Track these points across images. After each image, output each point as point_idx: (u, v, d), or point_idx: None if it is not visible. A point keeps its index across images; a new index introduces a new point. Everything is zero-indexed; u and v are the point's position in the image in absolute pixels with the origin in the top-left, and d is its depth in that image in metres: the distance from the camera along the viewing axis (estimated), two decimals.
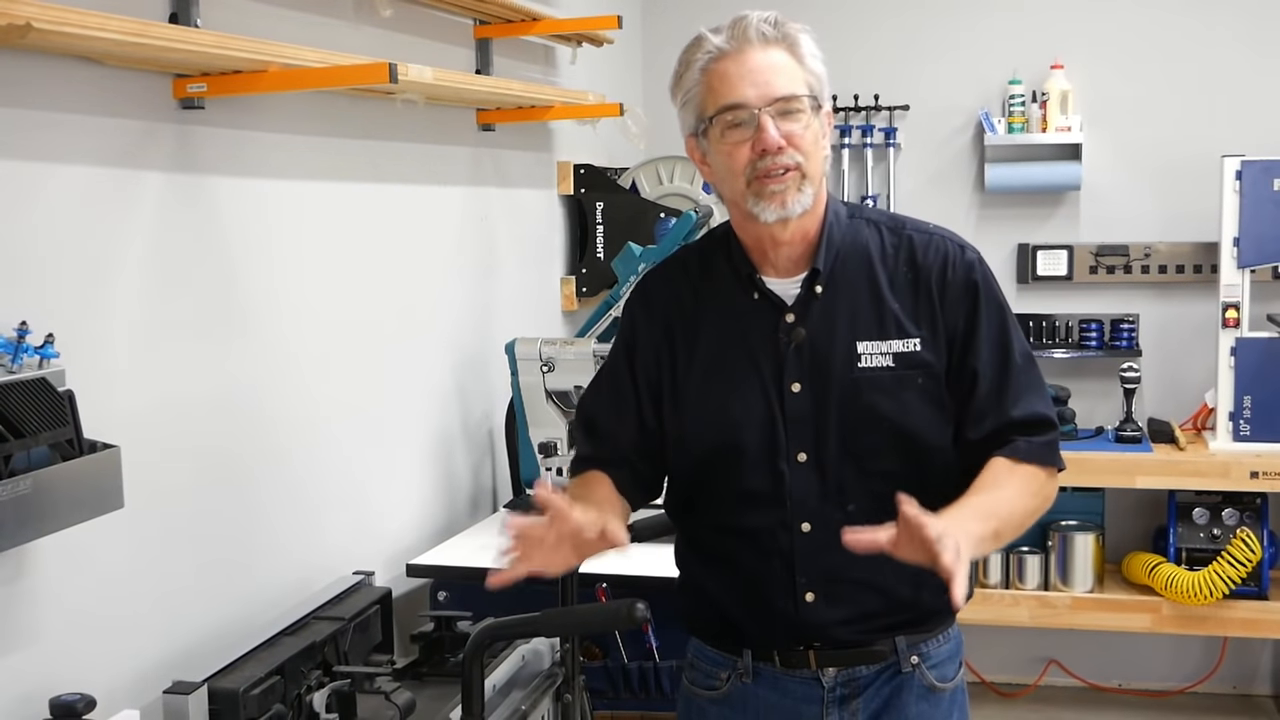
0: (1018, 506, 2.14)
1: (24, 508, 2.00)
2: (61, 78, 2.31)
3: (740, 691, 2.31)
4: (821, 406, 2.17)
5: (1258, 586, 4.75)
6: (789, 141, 2.11)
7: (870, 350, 2.17)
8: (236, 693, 2.35)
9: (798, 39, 2.17)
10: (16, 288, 2.19)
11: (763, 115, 2.11)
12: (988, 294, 2.22)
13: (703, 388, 2.25)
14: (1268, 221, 4.64)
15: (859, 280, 2.21)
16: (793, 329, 2.19)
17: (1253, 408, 4.72)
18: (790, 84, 2.14)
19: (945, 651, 2.30)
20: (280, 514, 2.96)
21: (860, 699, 2.25)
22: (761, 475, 2.20)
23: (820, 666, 2.25)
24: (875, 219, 2.27)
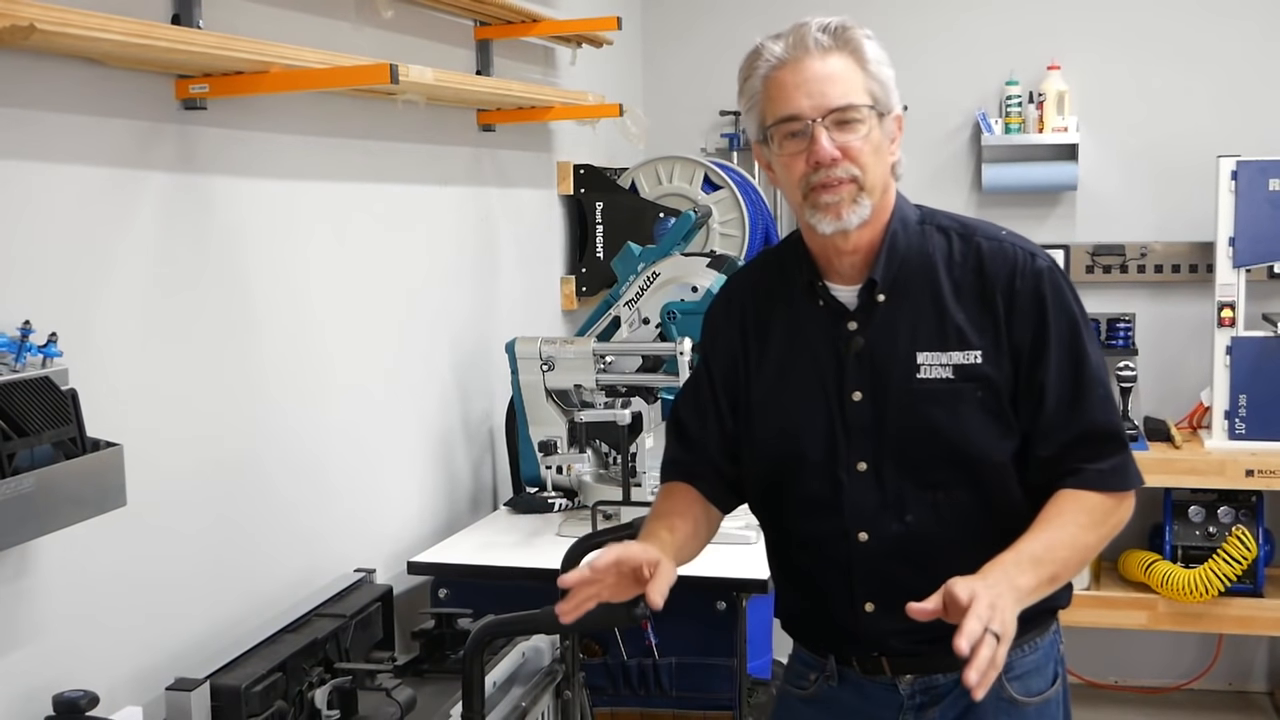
0: (1080, 542, 2.07)
1: (27, 506, 2.00)
2: (65, 79, 2.31)
3: (827, 693, 2.30)
4: (881, 416, 2.14)
5: (1253, 584, 4.75)
6: (845, 153, 2.08)
7: (930, 361, 2.12)
8: (239, 689, 2.35)
9: (860, 44, 2.12)
10: (20, 287, 2.19)
11: (817, 127, 2.07)
12: (1058, 305, 2.13)
13: (770, 393, 2.25)
14: (1263, 221, 4.64)
15: (923, 289, 2.15)
16: (852, 337, 2.17)
17: (1248, 406, 4.72)
18: (847, 93, 2.09)
19: (1031, 662, 2.22)
20: (282, 512, 2.96)
21: (938, 708, 2.21)
22: (821, 483, 2.18)
23: (895, 674, 2.22)
24: (946, 225, 2.21)
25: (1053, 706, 2.25)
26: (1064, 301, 2.13)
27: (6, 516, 1.96)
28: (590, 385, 3.62)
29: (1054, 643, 2.27)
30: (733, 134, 5.42)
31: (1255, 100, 5.08)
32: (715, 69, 5.48)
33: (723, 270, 3.64)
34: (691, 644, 3.14)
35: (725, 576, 3.11)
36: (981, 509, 2.13)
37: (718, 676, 3.13)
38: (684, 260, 3.71)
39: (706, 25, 5.51)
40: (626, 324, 3.72)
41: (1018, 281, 2.12)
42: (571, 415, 3.62)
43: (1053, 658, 2.26)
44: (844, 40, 2.11)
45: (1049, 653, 2.25)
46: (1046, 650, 2.24)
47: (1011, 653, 2.04)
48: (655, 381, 3.62)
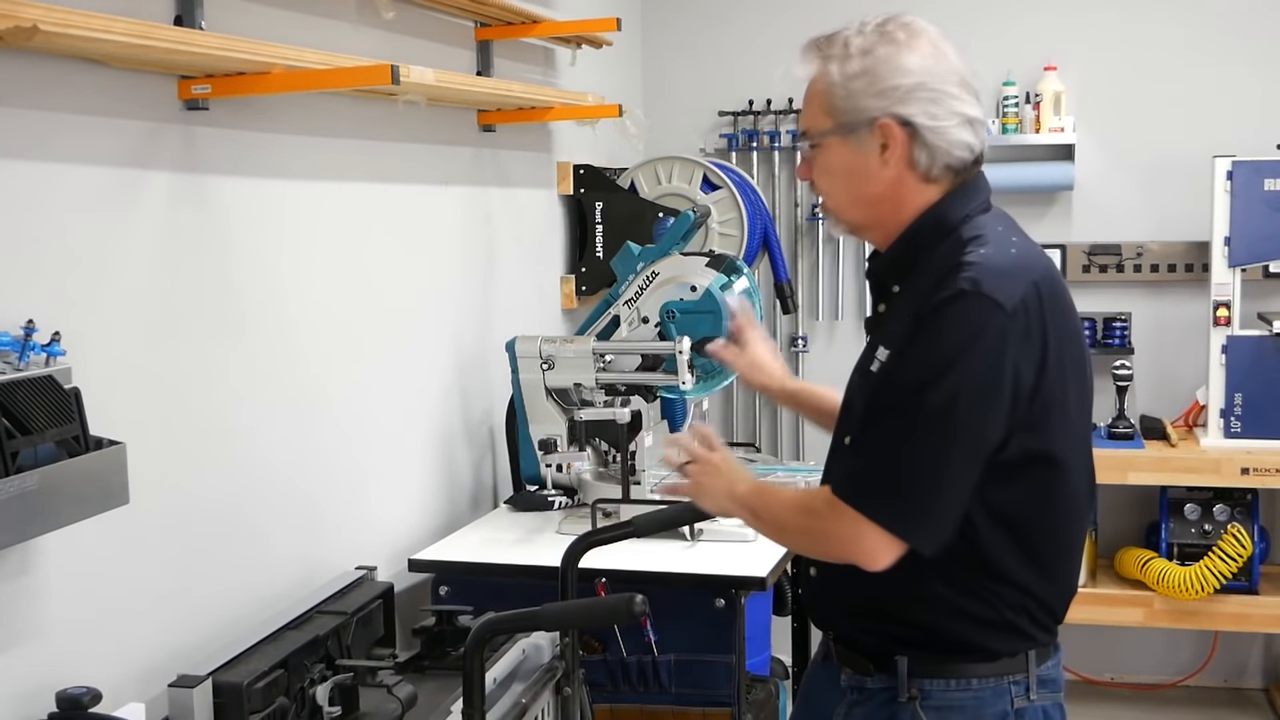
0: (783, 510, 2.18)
1: (31, 503, 2.00)
2: (67, 79, 2.31)
3: (812, 669, 2.42)
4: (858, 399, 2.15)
5: (1248, 581, 4.76)
6: (811, 178, 2.17)
7: (879, 356, 2.08)
8: (241, 686, 2.35)
9: (816, 66, 2.13)
10: (23, 286, 2.20)
11: (800, 146, 2.18)
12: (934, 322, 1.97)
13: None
14: (1258, 221, 4.65)
15: (909, 294, 2.08)
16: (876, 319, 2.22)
17: (1243, 405, 4.72)
18: (806, 117, 2.15)
19: (959, 699, 2.10)
20: (284, 510, 2.97)
21: (864, 708, 2.18)
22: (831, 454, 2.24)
23: (840, 664, 2.23)
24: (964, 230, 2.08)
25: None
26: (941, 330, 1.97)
27: (10, 514, 1.97)
28: (590, 384, 3.62)
29: (1003, 693, 2.10)
30: (731, 134, 5.43)
31: (1250, 101, 5.08)
32: (714, 70, 5.49)
33: (721, 270, 3.64)
34: (690, 641, 3.14)
35: (724, 574, 3.11)
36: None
37: (716, 673, 3.13)
38: (683, 260, 3.71)
39: (705, 26, 5.51)
40: (626, 323, 3.72)
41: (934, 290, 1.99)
42: (571, 414, 3.62)
43: (998, 706, 2.10)
44: (816, 56, 2.13)
45: (990, 699, 2.10)
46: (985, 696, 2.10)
47: (933, 679, 2.09)
48: (654, 380, 3.62)
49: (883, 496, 1.99)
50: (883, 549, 1.99)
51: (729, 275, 3.64)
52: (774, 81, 5.30)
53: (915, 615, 2.10)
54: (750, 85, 5.37)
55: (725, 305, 2.63)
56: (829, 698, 2.25)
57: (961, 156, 2.09)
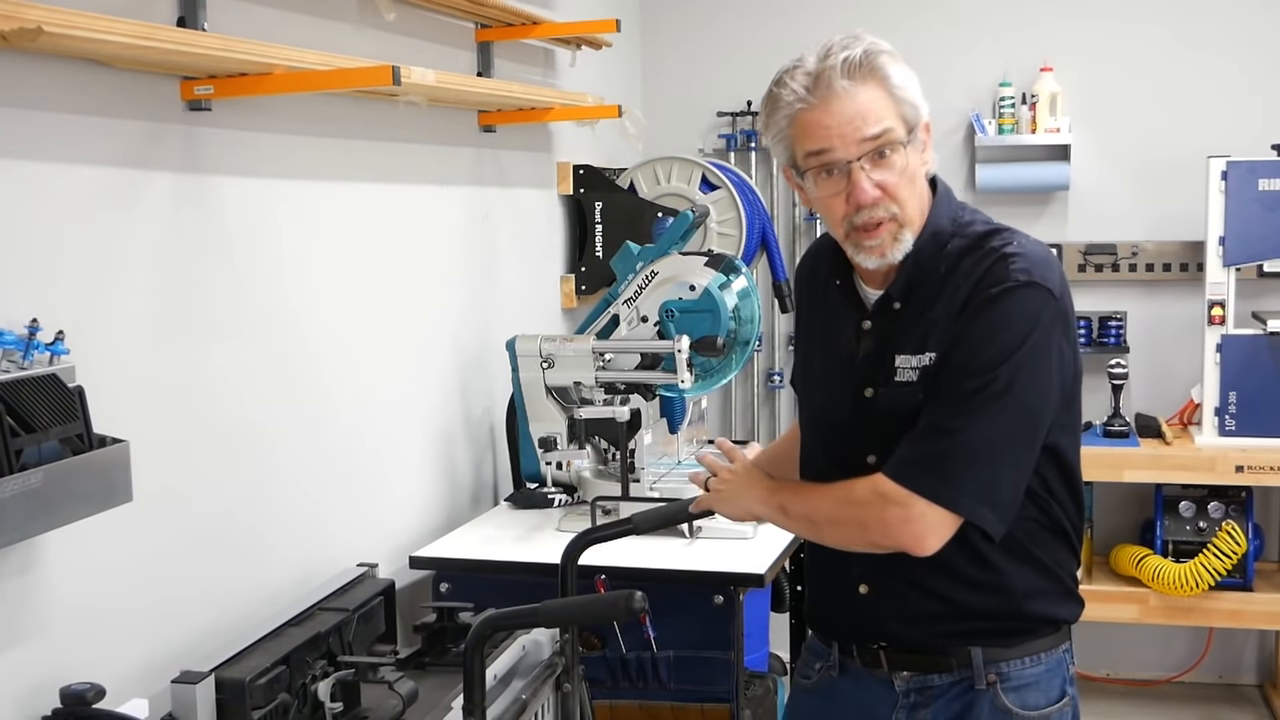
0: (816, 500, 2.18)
1: (35, 501, 2.01)
2: (71, 80, 2.31)
3: (828, 684, 2.34)
4: (888, 413, 2.14)
5: (1243, 578, 4.76)
6: (884, 191, 2.07)
7: (904, 364, 2.12)
8: (243, 682, 2.35)
9: (884, 70, 2.08)
10: (28, 285, 2.20)
11: (855, 169, 2.05)
12: (994, 311, 2.05)
13: (811, 378, 2.35)
14: (1252, 221, 4.65)
15: (927, 296, 2.13)
16: (864, 337, 2.20)
17: (1238, 403, 4.72)
18: (877, 122, 2.06)
19: (1031, 675, 2.18)
20: (286, 508, 2.97)
21: (930, 709, 2.20)
22: (834, 466, 2.22)
23: (892, 669, 2.23)
24: (974, 231, 2.16)
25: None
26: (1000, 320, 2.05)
27: (14, 511, 1.97)
28: (590, 382, 3.61)
29: (1062, 661, 2.23)
30: (730, 135, 5.43)
31: (1245, 101, 5.08)
32: (713, 71, 5.49)
33: (720, 269, 3.64)
34: (689, 637, 3.14)
35: (722, 571, 3.12)
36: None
37: (715, 669, 3.13)
38: (682, 259, 3.71)
39: (704, 27, 5.51)
40: (625, 322, 3.72)
41: (982, 282, 2.07)
42: (571, 412, 3.62)
43: (1060, 675, 2.22)
44: (869, 71, 2.07)
45: (1055, 669, 2.22)
46: (1051, 666, 2.21)
47: (1010, 661, 2.14)
48: (654, 379, 3.62)
49: (948, 481, 2.03)
50: (936, 533, 2.04)
51: (727, 275, 3.64)
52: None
53: (994, 604, 2.16)
54: (748, 86, 5.37)
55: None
56: (869, 706, 2.26)
57: None
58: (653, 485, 3.56)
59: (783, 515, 2.23)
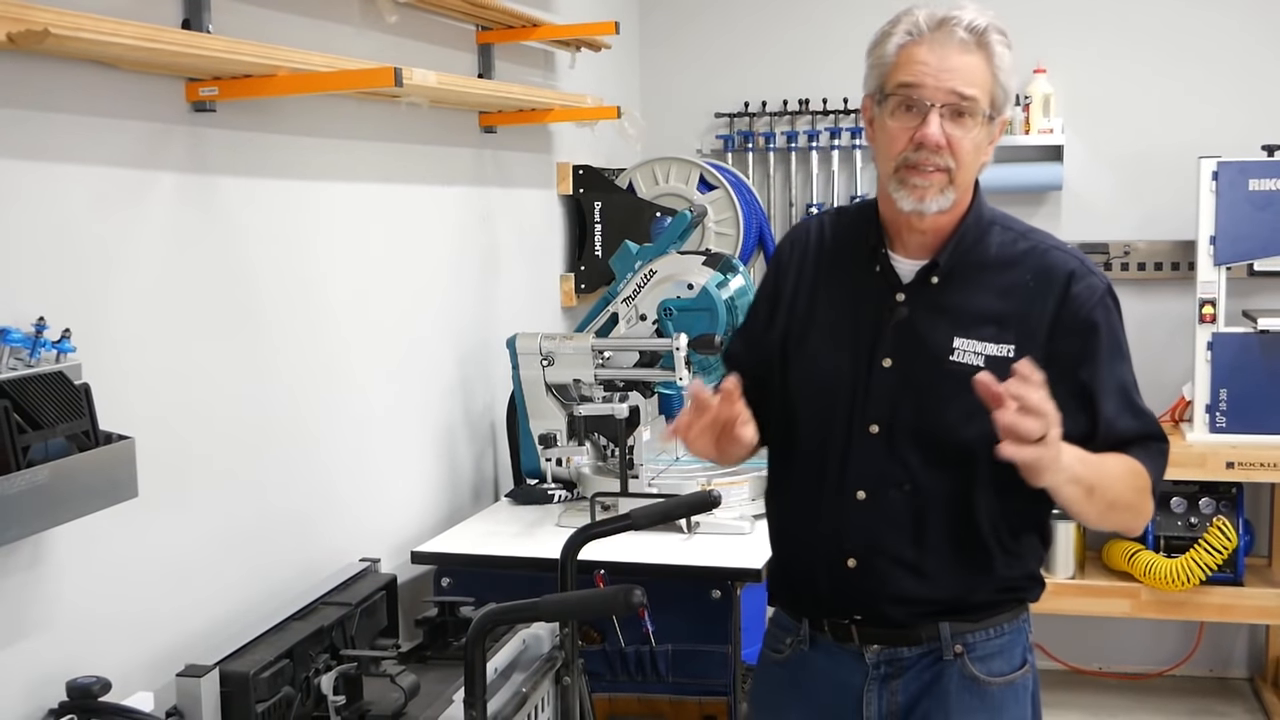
0: (1119, 480, 2.14)
1: (42, 497, 2.01)
2: (78, 82, 2.31)
3: (800, 657, 2.37)
4: (905, 386, 2.19)
5: (1233, 573, 4.76)
6: (949, 143, 2.13)
7: (965, 347, 2.17)
8: (247, 676, 2.35)
9: (995, 50, 2.15)
10: (34, 284, 2.20)
11: (933, 111, 2.11)
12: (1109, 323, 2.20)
13: (810, 343, 2.31)
14: (1243, 220, 4.65)
15: (974, 280, 2.21)
16: (897, 307, 2.22)
17: (1229, 400, 4.72)
18: (971, 86, 2.12)
19: (996, 645, 2.27)
20: (289, 503, 2.97)
21: (901, 680, 2.27)
22: (835, 437, 2.24)
23: (863, 643, 2.27)
24: (1014, 227, 2.27)
25: (1019, 690, 2.29)
26: (1114, 321, 2.21)
27: (21, 507, 1.97)
28: (589, 380, 3.62)
29: (1022, 630, 2.31)
30: (727, 135, 5.43)
31: (1236, 103, 5.08)
32: (710, 72, 5.49)
33: (717, 268, 3.64)
34: (687, 631, 3.14)
35: (720, 566, 3.12)
36: (970, 489, 2.18)
37: (713, 663, 3.14)
38: (680, 258, 3.72)
39: (702, 29, 5.51)
40: (624, 320, 3.72)
41: (1073, 289, 2.19)
42: (570, 409, 3.62)
43: (1020, 644, 2.30)
44: (986, 42, 2.14)
45: (1016, 638, 2.29)
46: (1013, 635, 2.29)
47: (975, 633, 2.22)
48: (652, 376, 3.63)
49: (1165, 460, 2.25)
50: None
51: (725, 273, 3.65)
52: (768, 84, 5.33)
53: (975, 592, 2.24)
54: (746, 87, 5.37)
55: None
56: (841, 678, 2.31)
57: None
58: (651, 481, 3.56)
59: (1087, 495, 2.08)
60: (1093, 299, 2.19)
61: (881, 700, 2.28)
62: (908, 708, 2.27)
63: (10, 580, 2.16)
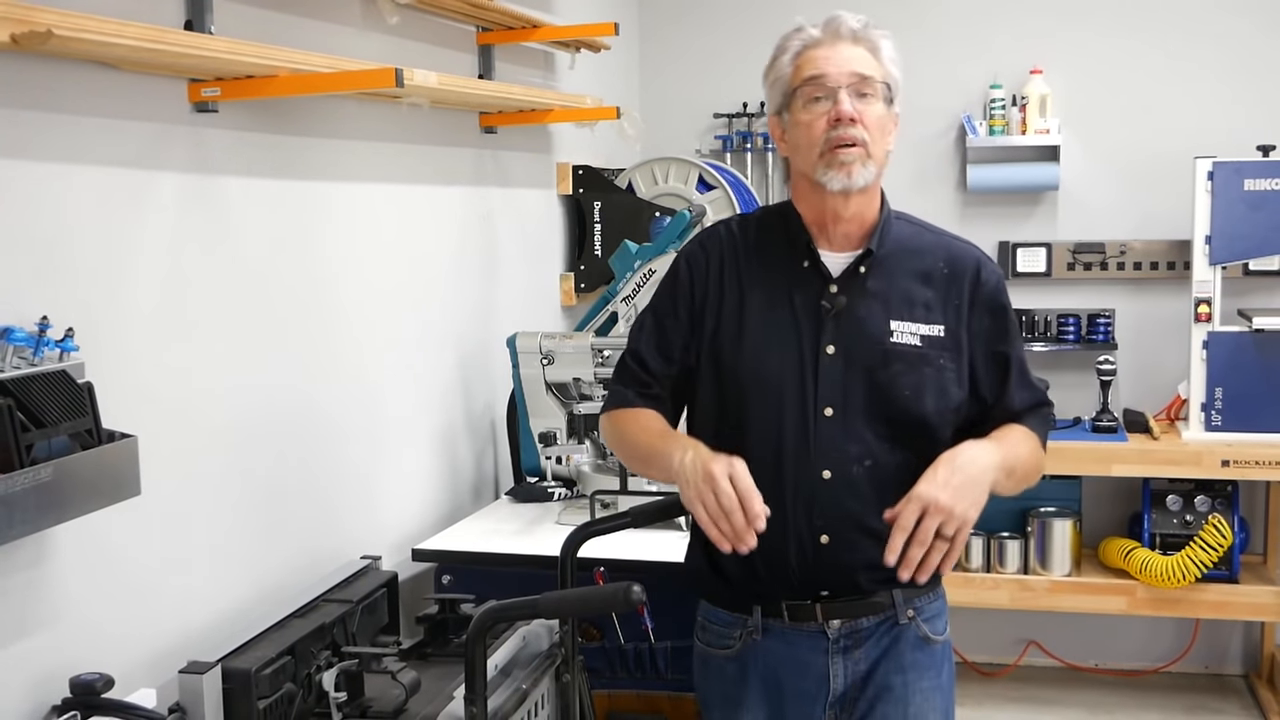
0: (1028, 454, 2.39)
1: (45, 495, 2.01)
2: (81, 82, 2.31)
3: (752, 648, 2.44)
4: (851, 370, 2.34)
5: (1228, 570, 4.76)
6: (861, 118, 2.30)
7: (901, 329, 2.35)
8: (249, 672, 2.35)
9: (879, 44, 2.37)
10: (38, 284, 2.20)
11: (841, 91, 2.30)
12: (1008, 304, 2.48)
13: (749, 340, 2.40)
14: (1238, 220, 4.65)
15: (899, 267, 2.40)
16: (835, 298, 2.36)
17: (1224, 399, 4.73)
18: (867, 69, 2.33)
19: (936, 608, 2.48)
20: (291, 501, 2.97)
21: (862, 649, 2.41)
22: (794, 424, 2.34)
23: (826, 619, 2.38)
24: (915, 221, 2.50)
25: (948, 648, 2.53)
26: (1008, 302, 2.48)
27: (25, 505, 1.97)
28: (588, 378, 3.62)
29: (945, 594, 2.54)
30: (726, 136, 5.43)
31: (1231, 103, 5.08)
32: (709, 73, 5.49)
33: None
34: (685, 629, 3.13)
35: None
36: (920, 457, 2.28)
37: None
38: None
39: (700, 31, 5.51)
40: (624, 319, 3.73)
41: (982, 275, 2.43)
42: (570, 407, 3.62)
43: (945, 607, 2.53)
44: (868, 39, 2.36)
45: (943, 603, 2.52)
46: (941, 600, 2.51)
47: (921, 598, 2.43)
48: None
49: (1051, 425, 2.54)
50: None
51: None
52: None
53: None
54: (744, 88, 5.37)
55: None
56: (801, 659, 2.41)
57: None
58: (650, 479, 3.56)
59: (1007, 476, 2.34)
60: (999, 284, 2.45)
61: (847, 670, 2.41)
62: (868, 673, 2.41)
63: (14, 578, 2.17)
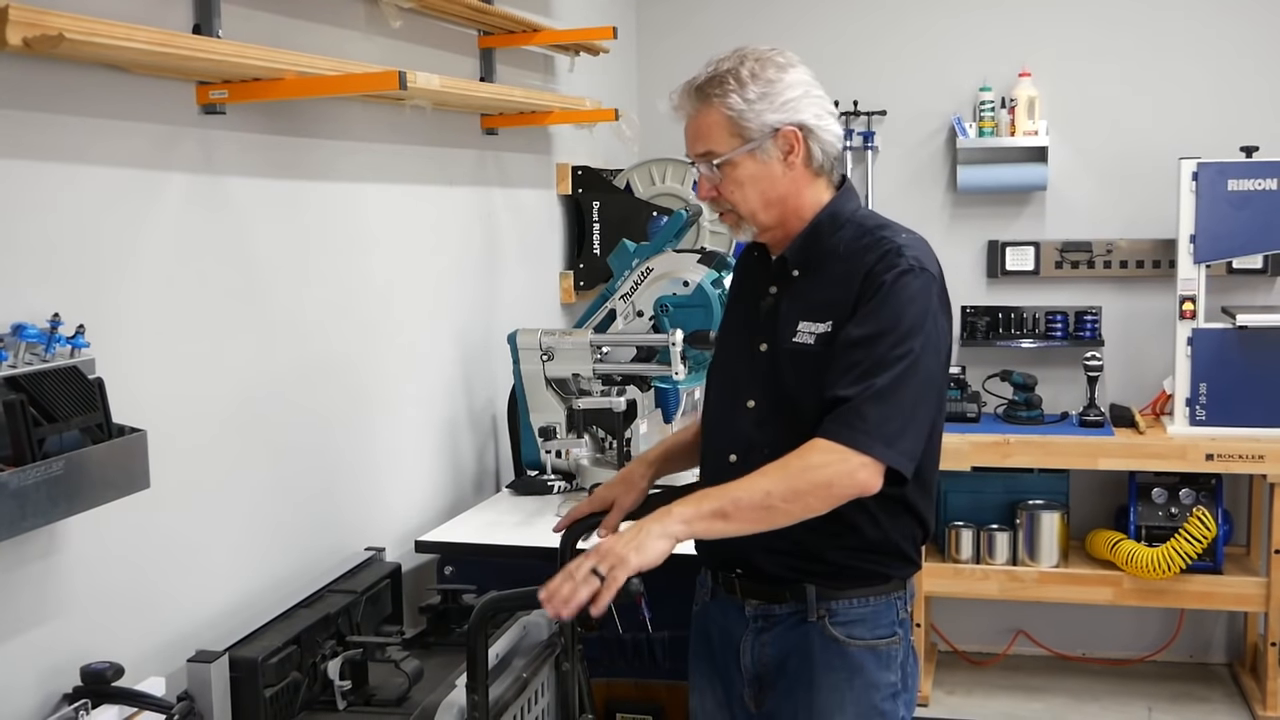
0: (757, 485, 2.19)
1: (56, 488, 2.01)
2: (92, 85, 2.31)
3: (704, 606, 2.59)
4: (770, 366, 2.39)
5: (1213, 561, 4.77)
6: (718, 191, 2.37)
7: (804, 328, 2.35)
8: (256, 661, 2.35)
9: (714, 100, 2.33)
10: (50, 281, 2.20)
11: (697, 168, 2.39)
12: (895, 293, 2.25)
13: (721, 330, 2.64)
14: (1222, 220, 4.66)
15: (821, 269, 2.38)
16: (767, 297, 2.44)
17: (1208, 394, 4.73)
18: (708, 142, 2.35)
19: (861, 613, 2.38)
20: (296, 494, 2.97)
21: (771, 634, 2.43)
22: (724, 410, 2.48)
23: (744, 596, 2.45)
24: (866, 223, 2.39)
25: (884, 657, 2.40)
26: (902, 300, 2.26)
27: (37, 498, 1.97)
28: (588, 374, 3.62)
29: (892, 605, 2.41)
30: None
31: (1215, 106, 5.08)
32: None
33: (712, 266, 3.65)
34: (683, 619, 3.13)
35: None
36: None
37: None
38: (676, 256, 3.72)
39: (697, 35, 5.50)
40: (622, 316, 3.72)
41: (875, 264, 2.29)
42: (570, 402, 3.62)
43: (889, 616, 2.41)
44: (705, 97, 2.34)
45: (883, 611, 2.40)
46: (880, 608, 2.40)
47: (839, 600, 2.38)
48: (649, 371, 3.63)
49: (878, 434, 2.20)
50: (875, 478, 2.21)
51: (719, 271, 3.65)
52: None
53: (829, 553, 2.35)
54: None
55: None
56: (727, 628, 2.50)
57: (838, 144, 2.40)
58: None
59: (723, 519, 2.18)
60: (887, 274, 2.26)
61: (755, 651, 2.45)
62: (779, 661, 2.42)
63: (26, 569, 2.17)
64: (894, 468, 2.21)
